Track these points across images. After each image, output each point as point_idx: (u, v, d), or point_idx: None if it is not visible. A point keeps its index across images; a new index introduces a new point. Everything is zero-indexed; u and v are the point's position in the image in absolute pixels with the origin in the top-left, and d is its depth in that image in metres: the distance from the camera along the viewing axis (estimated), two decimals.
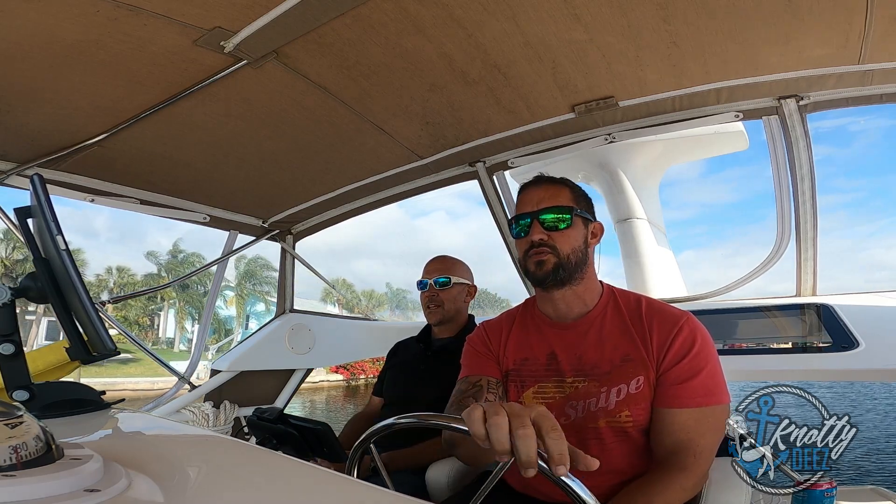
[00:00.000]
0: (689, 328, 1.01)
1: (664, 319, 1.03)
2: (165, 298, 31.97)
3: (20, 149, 1.71)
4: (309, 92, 1.55)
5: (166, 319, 33.78)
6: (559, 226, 1.06)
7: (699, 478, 0.94)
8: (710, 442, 0.94)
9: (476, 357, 1.18)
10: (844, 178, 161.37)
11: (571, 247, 1.06)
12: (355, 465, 0.83)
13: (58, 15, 1.13)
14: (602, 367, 1.03)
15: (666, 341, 1.00)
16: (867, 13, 1.26)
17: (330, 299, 28.81)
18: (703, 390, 0.96)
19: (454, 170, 2.24)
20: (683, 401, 0.96)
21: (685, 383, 0.96)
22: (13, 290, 0.77)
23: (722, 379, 0.99)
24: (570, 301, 1.10)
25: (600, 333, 1.06)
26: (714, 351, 1.01)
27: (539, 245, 1.06)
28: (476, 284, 1.88)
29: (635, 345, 1.02)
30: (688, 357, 0.98)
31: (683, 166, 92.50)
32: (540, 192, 1.10)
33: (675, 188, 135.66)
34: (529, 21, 1.30)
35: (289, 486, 0.50)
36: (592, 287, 1.11)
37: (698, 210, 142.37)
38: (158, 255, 33.82)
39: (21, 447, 0.40)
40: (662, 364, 0.99)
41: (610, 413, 1.00)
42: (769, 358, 1.91)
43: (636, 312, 1.06)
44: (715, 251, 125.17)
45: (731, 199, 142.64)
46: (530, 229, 1.07)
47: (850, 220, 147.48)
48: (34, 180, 0.83)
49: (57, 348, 1.21)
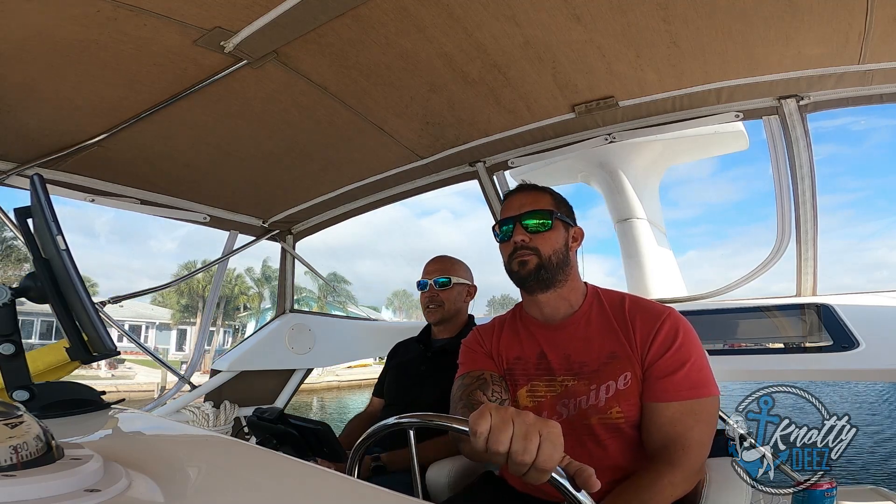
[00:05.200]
0: (671, 322, 1.02)
1: (646, 315, 1.05)
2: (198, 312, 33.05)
3: (20, 149, 1.71)
4: (309, 92, 1.55)
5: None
6: (540, 229, 1.10)
7: (689, 472, 0.93)
8: (699, 435, 0.95)
9: (473, 354, 1.21)
10: (851, 177, 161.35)
11: (552, 248, 1.10)
12: (355, 465, 0.83)
13: (58, 15, 1.13)
14: (590, 366, 1.04)
15: (649, 336, 1.02)
16: (867, 13, 1.26)
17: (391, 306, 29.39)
18: (688, 383, 0.97)
19: (454, 170, 2.24)
20: (669, 394, 0.97)
21: (670, 377, 0.97)
22: (13, 290, 0.77)
23: (708, 372, 1.00)
24: (555, 303, 1.12)
25: (586, 332, 1.09)
26: (698, 344, 1.02)
27: (522, 247, 1.09)
28: (476, 284, 1.88)
29: (620, 341, 1.04)
30: (671, 350, 0.99)
31: (691, 165, 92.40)
32: (522, 198, 1.15)
33: (683, 187, 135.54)
34: (529, 21, 1.30)
35: (289, 486, 0.50)
36: (576, 288, 1.14)
37: (703, 209, 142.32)
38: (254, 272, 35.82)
39: (21, 447, 0.40)
40: (647, 358, 1.01)
41: (601, 410, 1.01)
42: (769, 358, 1.91)
43: (619, 310, 1.09)
44: (716, 251, 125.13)
45: (737, 198, 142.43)
46: (513, 233, 1.11)
47: (856, 219, 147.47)
48: (34, 180, 0.83)
49: (57, 348, 1.20)
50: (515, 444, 0.60)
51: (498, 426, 0.62)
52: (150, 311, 31.26)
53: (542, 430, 0.61)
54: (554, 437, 0.61)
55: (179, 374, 2.38)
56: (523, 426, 0.61)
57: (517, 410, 0.64)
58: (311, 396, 20.56)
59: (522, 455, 0.60)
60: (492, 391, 1.08)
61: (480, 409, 0.64)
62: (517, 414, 0.63)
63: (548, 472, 0.61)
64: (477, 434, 0.62)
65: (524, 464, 0.60)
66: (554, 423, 0.63)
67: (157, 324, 30.27)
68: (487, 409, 0.64)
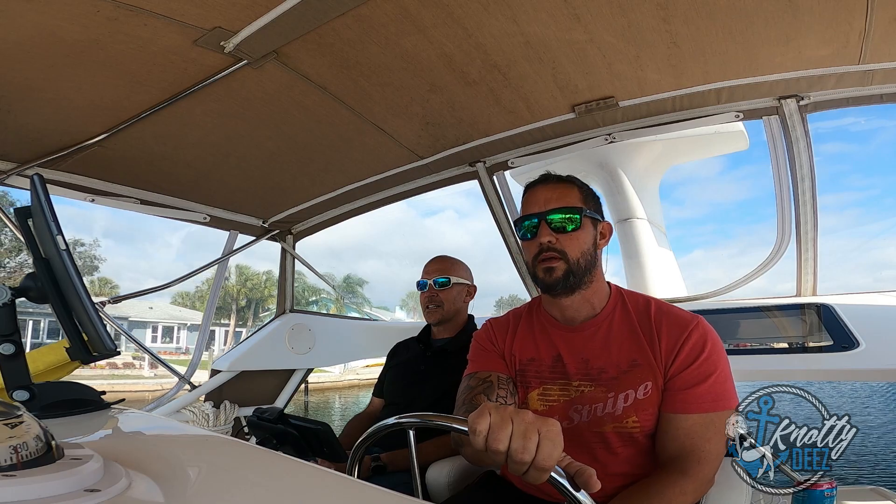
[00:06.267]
0: (699, 333, 0.98)
1: (673, 323, 1.00)
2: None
3: (20, 149, 1.71)
4: (309, 92, 1.55)
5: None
6: (567, 227, 1.02)
7: (701, 483, 0.92)
8: (715, 447, 0.93)
9: (483, 353, 1.16)
10: (861, 175, 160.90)
11: (581, 250, 1.03)
12: (355, 465, 0.83)
13: (58, 15, 1.13)
14: (609, 372, 1.00)
15: (675, 346, 0.97)
16: (867, 13, 1.26)
17: (405, 307, 29.60)
18: (710, 396, 0.93)
19: (454, 170, 2.24)
20: (690, 406, 0.94)
21: (693, 389, 0.94)
22: (13, 290, 0.77)
23: (731, 384, 0.97)
24: (578, 305, 1.07)
25: (608, 337, 1.04)
26: (724, 355, 0.99)
27: (548, 249, 1.02)
28: (481, 284, 1.88)
29: (643, 349, 0.99)
30: (697, 362, 0.95)
31: (697, 164, 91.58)
32: (547, 192, 1.06)
33: (689, 186, 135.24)
34: (529, 21, 1.30)
35: (289, 486, 0.50)
36: (600, 289, 1.08)
37: (710, 208, 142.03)
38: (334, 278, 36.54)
39: (21, 447, 0.40)
40: (671, 369, 0.96)
41: (617, 419, 0.98)
42: (769, 358, 1.91)
43: (645, 315, 1.03)
44: (723, 250, 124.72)
45: (744, 196, 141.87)
46: (538, 231, 1.03)
47: (864, 218, 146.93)
48: (34, 180, 0.83)
49: (57, 348, 1.20)
50: (514, 443, 0.60)
51: (497, 424, 0.61)
52: (178, 312, 32.41)
53: (542, 428, 0.61)
54: (553, 436, 0.61)
55: (179, 374, 2.38)
56: (522, 424, 0.61)
57: (516, 409, 0.64)
58: (333, 395, 21.16)
59: (522, 453, 0.59)
60: (496, 395, 1.04)
61: (480, 409, 0.64)
62: (516, 413, 0.63)
63: (547, 471, 0.60)
64: (476, 433, 0.62)
65: (523, 462, 0.60)
66: (553, 422, 0.62)
67: (188, 325, 31.24)
68: (486, 408, 0.64)
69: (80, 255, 29.36)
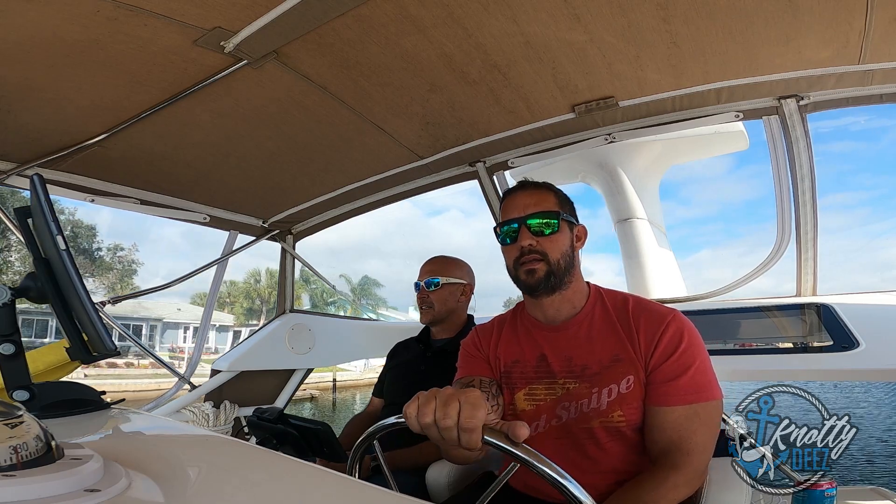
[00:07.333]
0: (676, 325, 1.01)
1: (651, 318, 1.03)
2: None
3: (20, 149, 1.71)
4: (309, 92, 1.55)
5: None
6: (546, 231, 1.07)
7: (692, 475, 0.93)
8: (702, 439, 0.94)
9: (469, 359, 1.20)
10: (870, 174, 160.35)
11: (560, 252, 1.07)
12: (355, 465, 0.83)
13: (58, 15, 1.13)
14: (592, 368, 1.03)
15: (653, 339, 1.00)
16: (867, 13, 1.26)
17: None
18: (692, 387, 0.96)
19: (454, 170, 2.24)
20: (673, 399, 0.96)
21: (674, 381, 0.96)
22: (13, 290, 0.77)
23: (712, 375, 0.99)
24: (559, 305, 1.10)
25: (589, 334, 1.07)
26: (702, 347, 1.01)
27: (529, 252, 1.06)
28: (479, 283, 1.88)
29: (623, 344, 1.02)
30: (675, 354, 0.98)
31: (703, 163, 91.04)
32: (525, 198, 1.10)
33: (696, 185, 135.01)
34: (529, 21, 1.30)
35: (289, 486, 0.50)
36: (579, 289, 1.12)
37: (717, 207, 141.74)
38: (352, 280, 37.65)
39: (21, 447, 0.40)
40: (651, 362, 0.99)
41: (602, 414, 1.00)
42: (769, 358, 1.91)
43: (623, 311, 1.07)
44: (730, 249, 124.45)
45: (751, 195, 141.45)
46: (518, 235, 1.08)
47: (872, 217, 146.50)
48: (34, 180, 0.83)
49: (57, 348, 1.21)
50: (438, 412, 0.66)
51: (423, 403, 0.69)
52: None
53: (461, 396, 0.67)
54: (473, 400, 0.66)
55: (179, 374, 2.38)
56: (443, 396, 0.68)
57: (440, 389, 0.70)
58: (355, 392, 21.80)
59: (444, 419, 0.66)
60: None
61: (411, 399, 0.71)
62: (439, 390, 0.70)
63: (474, 431, 0.65)
64: (408, 416, 0.69)
65: (449, 427, 0.65)
66: (472, 390, 0.69)
67: (217, 325, 31.59)
68: (416, 396, 0.71)
69: (120, 259, 30.01)
